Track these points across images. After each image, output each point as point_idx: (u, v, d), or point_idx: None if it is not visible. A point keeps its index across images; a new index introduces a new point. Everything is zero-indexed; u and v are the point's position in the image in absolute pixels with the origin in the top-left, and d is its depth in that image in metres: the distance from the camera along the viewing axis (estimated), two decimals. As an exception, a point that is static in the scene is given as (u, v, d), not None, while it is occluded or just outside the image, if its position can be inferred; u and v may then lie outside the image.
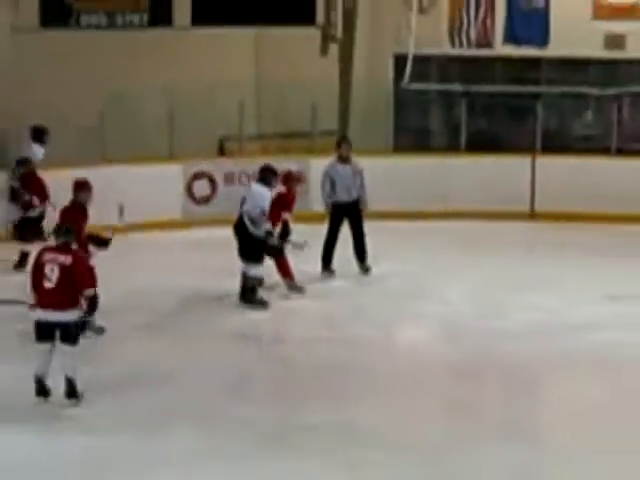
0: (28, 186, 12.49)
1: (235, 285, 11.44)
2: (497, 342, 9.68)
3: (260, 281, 10.90)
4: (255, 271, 10.75)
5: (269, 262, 11.74)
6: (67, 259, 7.59)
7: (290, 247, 11.58)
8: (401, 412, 8.11)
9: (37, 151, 13.06)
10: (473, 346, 9.66)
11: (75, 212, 9.99)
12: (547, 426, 8.32)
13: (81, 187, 10.48)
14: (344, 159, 11.80)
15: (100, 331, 9.44)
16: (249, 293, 10.55)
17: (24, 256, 11.81)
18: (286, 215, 11.51)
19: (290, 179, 11.96)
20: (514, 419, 8.20)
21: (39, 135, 12.91)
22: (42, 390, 7.49)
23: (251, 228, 10.97)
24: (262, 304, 10.64)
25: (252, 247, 10.88)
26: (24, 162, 12.75)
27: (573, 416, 8.15)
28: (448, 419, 8.01)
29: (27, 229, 12.46)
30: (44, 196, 11.94)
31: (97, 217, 11.87)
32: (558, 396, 9.01)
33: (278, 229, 11.72)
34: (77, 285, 7.62)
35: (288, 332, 11.15)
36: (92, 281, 8.11)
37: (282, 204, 11.45)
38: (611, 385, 8.57)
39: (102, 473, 6.76)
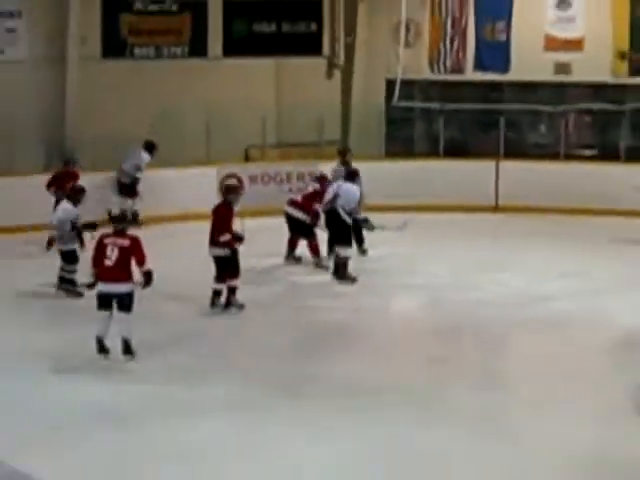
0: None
1: (260, 261, 10.90)
2: (472, 309, 9.60)
3: (347, 260, 10.50)
4: (345, 252, 10.52)
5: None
6: (125, 242, 7.54)
7: (381, 229, 11.33)
8: (393, 364, 8.10)
9: (144, 158, 13.08)
10: (453, 312, 9.63)
11: (224, 209, 9.73)
12: (512, 375, 8.35)
13: (230, 190, 10.20)
14: (347, 164, 11.56)
15: (241, 307, 9.22)
16: (341, 270, 10.25)
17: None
18: (318, 207, 11.04)
19: (324, 179, 11.70)
20: (485, 370, 8.24)
21: (149, 147, 13.00)
22: (102, 349, 7.50)
23: (346, 218, 10.63)
24: (352, 279, 10.28)
25: (343, 233, 10.62)
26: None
27: (534, 367, 8.12)
28: (431, 370, 8.00)
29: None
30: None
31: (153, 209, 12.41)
32: (521, 351, 9.09)
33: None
34: (137, 262, 7.54)
35: (305, 301, 10.59)
36: (145, 259, 7.86)
37: (320, 198, 11.03)
38: (563, 342, 8.59)
39: (151, 416, 6.80)
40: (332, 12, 15.82)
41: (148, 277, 7.74)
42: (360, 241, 11.59)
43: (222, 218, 9.43)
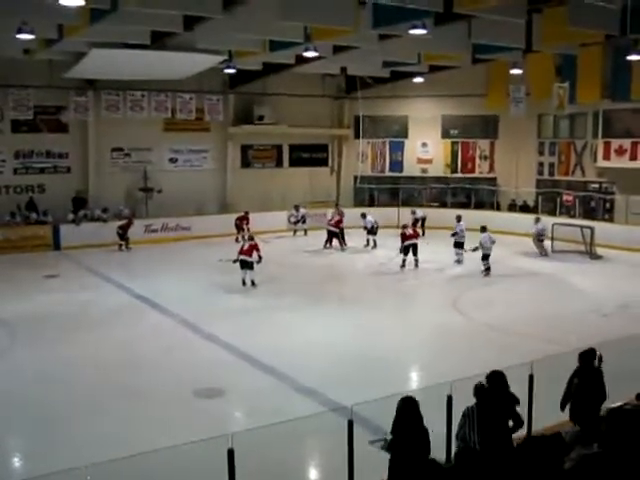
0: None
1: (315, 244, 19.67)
2: (444, 274, 16.05)
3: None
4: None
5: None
6: (252, 242, 15.15)
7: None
8: (371, 292, 14.72)
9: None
10: (426, 278, 16.08)
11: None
12: (407, 291, 14.99)
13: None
14: (338, 210, 21.75)
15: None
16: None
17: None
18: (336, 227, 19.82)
19: (341, 214, 20.51)
20: (396, 289, 14.86)
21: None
22: (243, 282, 14.49)
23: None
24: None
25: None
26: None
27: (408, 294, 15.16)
28: (374, 290, 14.89)
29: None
30: None
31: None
32: (420, 281, 15.96)
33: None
34: (256, 250, 14.83)
35: (325, 260, 18.24)
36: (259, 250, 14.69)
37: (339, 222, 19.76)
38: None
39: (261, 311, 12.54)
40: (332, 149, 27.37)
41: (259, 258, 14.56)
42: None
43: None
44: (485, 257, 17.14)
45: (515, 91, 21.29)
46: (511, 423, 5.66)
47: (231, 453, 5.04)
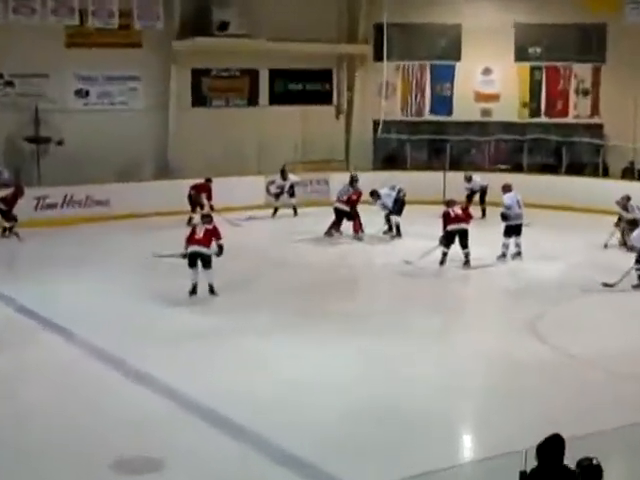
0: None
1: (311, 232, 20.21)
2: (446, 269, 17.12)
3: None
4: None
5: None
6: (210, 225, 14.92)
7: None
8: (393, 305, 15.66)
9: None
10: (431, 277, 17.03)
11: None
12: (451, 306, 15.54)
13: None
14: (353, 184, 20.30)
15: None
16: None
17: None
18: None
19: (358, 193, 20.59)
20: (434, 302, 15.70)
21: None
22: (193, 290, 14.78)
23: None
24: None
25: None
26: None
27: (480, 297, 15.77)
28: (400, 302, 15.63)
29: None
30: None
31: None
32: (456, 293, 16.59)
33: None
34: (215, 238, 14.66)
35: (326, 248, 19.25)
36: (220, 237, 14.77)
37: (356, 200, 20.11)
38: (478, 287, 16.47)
39: (222, 335, 13.10)
40: (338, 77, 27.12)
41: (220, 249, 14.68)
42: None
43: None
44: (511, 230, 17.95)
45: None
46: None
47: None
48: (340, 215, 20.42)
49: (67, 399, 10.97)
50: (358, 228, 20.45)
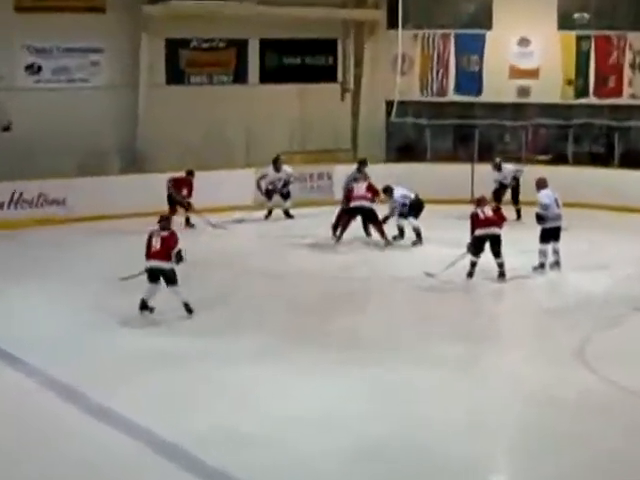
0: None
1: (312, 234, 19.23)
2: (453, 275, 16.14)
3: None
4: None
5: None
6: (165, 234, 14.03)
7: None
8: (411, 327, 14.91)
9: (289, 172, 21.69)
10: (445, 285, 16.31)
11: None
12: (482, 328, 14.59)
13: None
14: (361, 172, 19.38)
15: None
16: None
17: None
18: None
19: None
20: (461, 324, 14.83)
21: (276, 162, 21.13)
22: (145, 306, 14.11)
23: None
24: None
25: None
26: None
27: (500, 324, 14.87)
28: (419, 324, 14.70)
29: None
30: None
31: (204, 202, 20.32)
32: (491, 311, 16.20)
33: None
34: (170, 246, 13.91)
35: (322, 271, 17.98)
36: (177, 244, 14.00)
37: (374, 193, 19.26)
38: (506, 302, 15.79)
39: (196, 362, 12.51)
40: (344, 49, 25.83)
41: (178, 257, 13.99)
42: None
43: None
44: (549, 234, 17.26)
45: None
46: None
47: None
48: (367, 216, 19.98)
49: (14, 440, 10.64)
50: (384, 233, 19.92)
